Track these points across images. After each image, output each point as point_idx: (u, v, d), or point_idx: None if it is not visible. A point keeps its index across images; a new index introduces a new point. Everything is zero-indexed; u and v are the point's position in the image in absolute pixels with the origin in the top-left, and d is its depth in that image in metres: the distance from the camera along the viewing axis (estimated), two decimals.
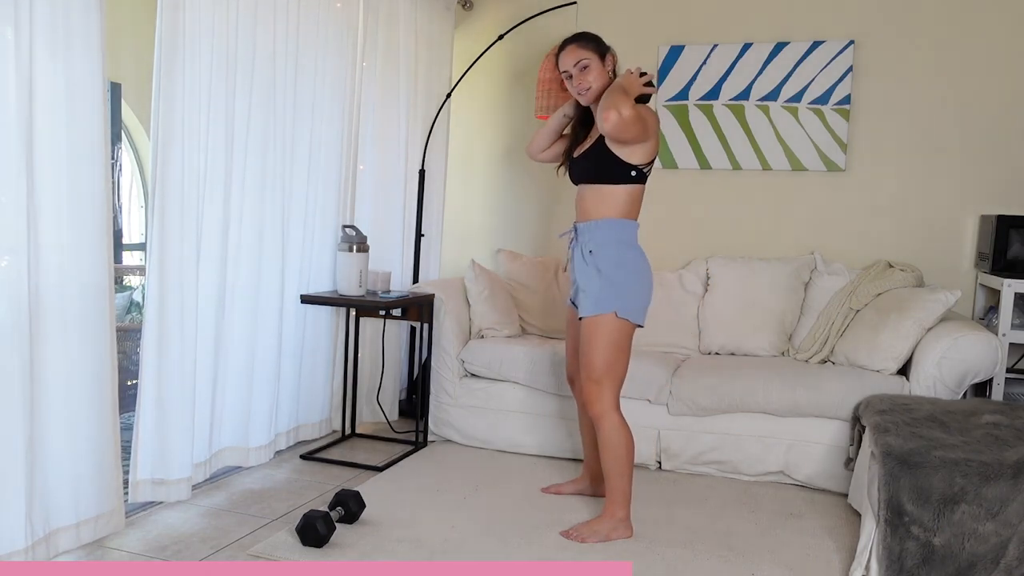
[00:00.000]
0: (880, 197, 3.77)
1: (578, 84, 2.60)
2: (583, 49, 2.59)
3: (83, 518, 2.29)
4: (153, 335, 2.54)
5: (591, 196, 2.60)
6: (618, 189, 2.56)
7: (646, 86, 2.55)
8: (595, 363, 2.53)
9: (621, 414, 2.56)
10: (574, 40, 2.62)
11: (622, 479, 2.54)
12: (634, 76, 2.56)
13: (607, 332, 2.52)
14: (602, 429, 2.54)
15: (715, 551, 2.47)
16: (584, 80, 2.58)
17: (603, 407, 2.53)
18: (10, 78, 1.99)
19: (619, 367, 2.56)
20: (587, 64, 2.58)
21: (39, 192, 2.09)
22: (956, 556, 2.12)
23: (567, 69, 2.61)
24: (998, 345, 2.95)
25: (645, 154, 2.55)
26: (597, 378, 2.53)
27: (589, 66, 2.58)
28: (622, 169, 2.54)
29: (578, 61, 2.58)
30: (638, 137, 2.49)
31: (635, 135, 2.48)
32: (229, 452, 2.99)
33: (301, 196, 3.19)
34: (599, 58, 2.60)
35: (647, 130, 2.51)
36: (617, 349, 2.54)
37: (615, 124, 2.40)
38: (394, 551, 2.37)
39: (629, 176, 2.55)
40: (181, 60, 2.52)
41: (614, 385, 2.55)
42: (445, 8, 4.14)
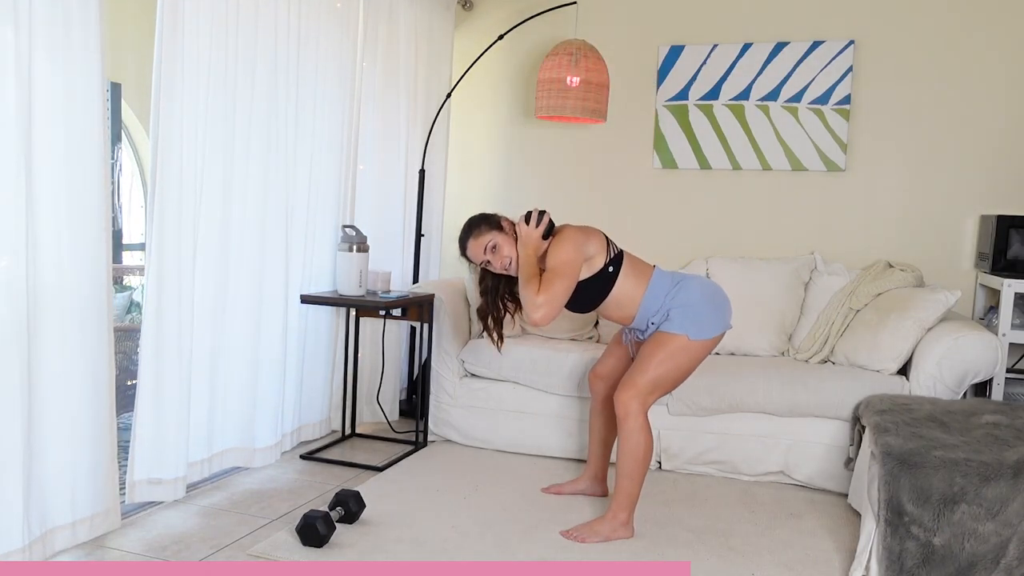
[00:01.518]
0: (880, 197, 3.77)
1: (500, 264, 2.61)
2: (484, 234, 2.60)
3: (79, 517, 2.29)
4: (152, 335, 2.54)
5: (611, 309, 2.64)
6: (617, 288, 2.59)
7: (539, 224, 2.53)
8: (649, 371, 2.53)
9: (647, 419, 2.55)
10: (466, 236, 2.63)
11: (633, 482, 2.53)
12: (524, 231, 2.54)
13: (675, 349, 2.53)
14: (625, 428, 2.53)
15: (715, 551, 2.46)
16: (501, 258, 2.59)
17: (633, 408, 2.52)
18: (9, 78, 1.99)
19: (669, 384, 2.58)
20: (495, 244, 2.59)
21: (38, 192, 2.09)
22: (956, 556, 2.12)
23: (481, 259, 2.63)
24: (998, 345, 2.95)
25: (599, 256, 2.56)
26: (642, 383, 2.52)
27: (497, 244, 2.59)
28: (600, 281, 2.57)
29: (486, 244, 2.59)
30: (570, 286, 2.46)
31: (566, 290, 2.45)
32: (233, 452, 2.99)
33: (301, 196, 3.19)
34: (498, 231, 2.60)
35: (569, 267, 2.46)
36: (677, 368, 2.55)
37: (544, 319, 2.40)
38: (394, 551, 2.37)
39: (610, 276, 2.58)
40: (181, 60, 2.52)
41: (654, 395, 2.56)
42: (445, 8, 4.14)
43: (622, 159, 4.14)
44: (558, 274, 2.44)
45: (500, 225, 2.62)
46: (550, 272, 2.46)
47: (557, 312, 2.43)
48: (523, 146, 4.31)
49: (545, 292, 2.41)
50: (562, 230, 2.57)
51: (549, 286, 2.42)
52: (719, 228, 4.01)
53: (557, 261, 2.47)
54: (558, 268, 2.46)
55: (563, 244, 2.50)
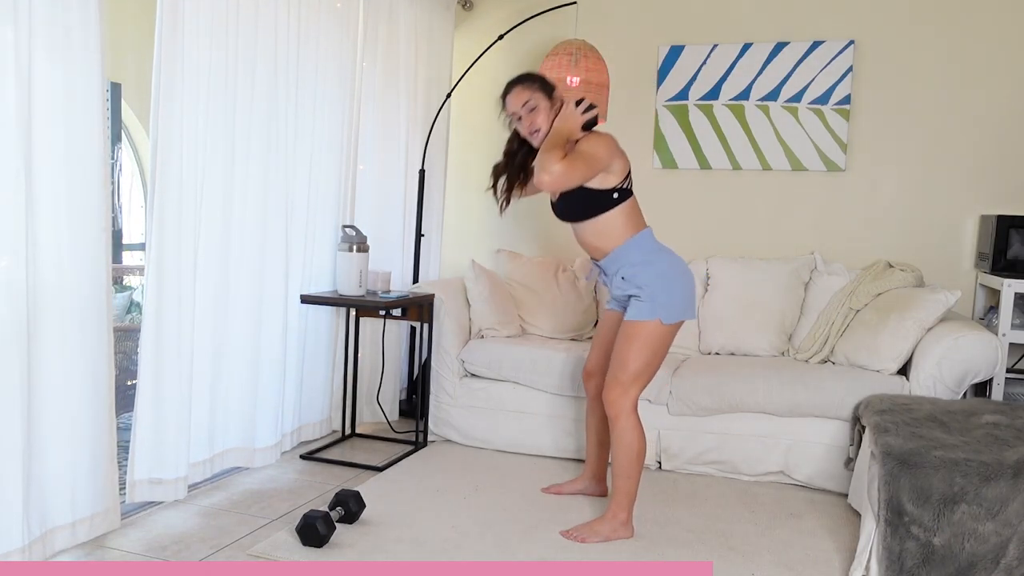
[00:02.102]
0: (880, 197, 3.77)
1: (528, 126, 2.57)
2: (528, 91, 2.56)
3: (79, 517, 2.29)
4: (152, 335, 2.54)
5: (590, 233, 2.59)
6: (610, 216, 2.54)
7: (587, 112, 2.51)
8: (628, 365, 2.52)
9: (638, 417, 2.56)
10: (519, 82, 2.60)
11: (629, 481, 2.54)
12: (569, 109, 2.53)
13: (647, 338, 2.52)
14: (617, 427, 2.53)
15: (715, 551, 2.46)
16: (534, 121, 2.56)
17: (623, 407, 2.53)
18: (9, 78, 1.99)
19: (649, 372, 2.57)
20: (534, 105, 2.56)
21: (38, 192, 2.09)
22: (956, 556, 2.12)
23: (515, 111, 2.59)
24: (998, 345, 2.95)
25: (616, 175, 2.52)
26: (625, 379, 2.52)
27: (537, 107, 2.56)
28: (601, 198, 2.52)
29: (525, 102, 2.56)
30: (586, 176, 2.45)
31: (582, 177, 2.44)
32: (234, 452, 2.99)
33: (301, 196, 3.19)
34: (546, 98, 2.57)
35: (594, 162, 2.45)
36: (653, 355, 2.54)
37: (550, 184, 2.39)
38: (394, 551, 2.37)
39: (611, 200, 2.53)
40: (181, 60, 2.52)
41: (639, 388, 2.55)
42: (445, 8, 4.14)
43: None
44: (582, 158, 2.43)
45: (551, 94, 2.58)
46: (577, 153, 2.44)
47: (565, 185, 2.41)
48: None
49: (566, 163, 2.38)
50: (601, 133, 2.54)
51: (572, 160, 2.40)
52: (719, 228, 4.01)
53: (587, 149, 2.45)
54: (585, 155, 2.44)
55: (598, 141, 2.49)
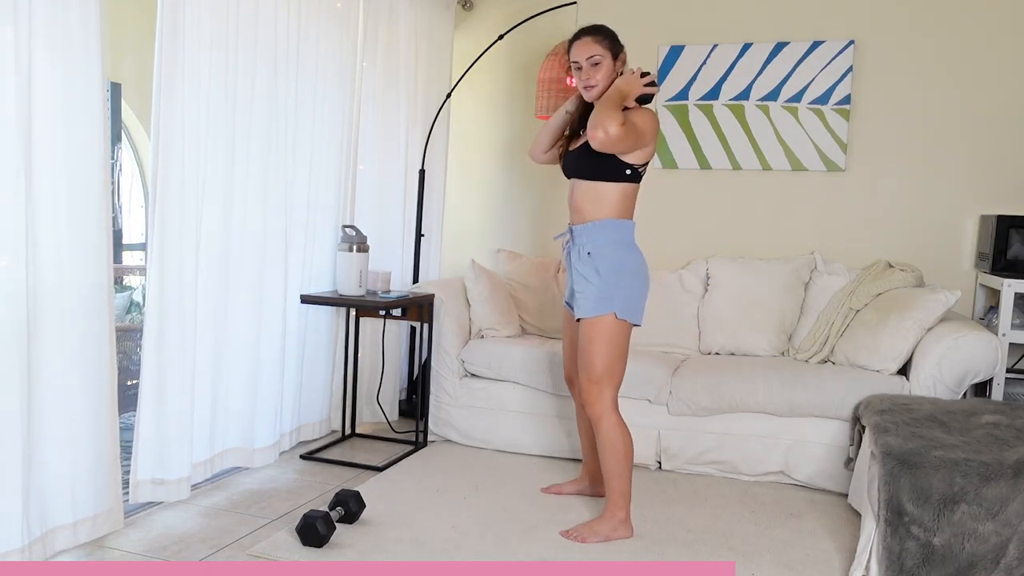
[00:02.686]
0: (880, 197, 3.77)
1: (586, 79, 2.57)
2: (598, 44, 2.55)
3: (81, 517, 2.29)
4: (153, 335, 2.54)
5: (585, 195, 2.58)
6: (612, 187, 2.54)
7: (648, 86, 2.53)
8: (595, 364, 2.53)
9: (619, 414, 2.56)
10: (590, 32, 2.58)
11: (621, 479, 2.54)
12: (635, 77, 2.54)
13: (606, 333, 2.52)
14: (601, 429, 2.54)
15: (715, 551, 2.46)
16: (593, 76, 2.55)
17: (602, 407, 2.54)
18: (9, 78, 1.99)
19: (618, 367, 2.56)
20: (599, 61, 2.55)
21: (38, 192, 2.09)
22: (956, 556, 2.12)
23: (578, 60, 2.57)
24: (998, 345, 2.95)
25: (642, 156, 2.54)
26: (597, 379, 2.53)
27: (600, 63, 2.55)
28: (617, 167, 2.53)
29: (591, 56, 2.55)
30: (629, 148, 2.48)
31: (625, 148, 2.47)
32: (233, 453, 2.99)
33: (301, 196, 3.19)
34: (612, 57, 2.57)
35: (641, 138, 2.49)
36: (616, 350, 2.54)
37: (602, 143, 2.40)
38: (394, 551, 2.37)
39: (624, 174, 2.54)
40: (181, 60, 2.52)
41: (613, 385, 2.55)
42: (445, 8, 4.14)
43: None
44: (636, 131, 2.46)
45: (619, 54, 2.59)
46: (632, 124, 2.46)
47: (613, 148, 2.43)
48: (523, 146, 4.31)
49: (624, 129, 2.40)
50: (651, 112, 2.56)
51: (628, 129, 2.43)
52: (719, 228, 4.00)
53: (640, 124, 2.48)
54: (638, 128, 2.47)
55: (649, 119, 2.51)
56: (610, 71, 2.56)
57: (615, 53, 2.58)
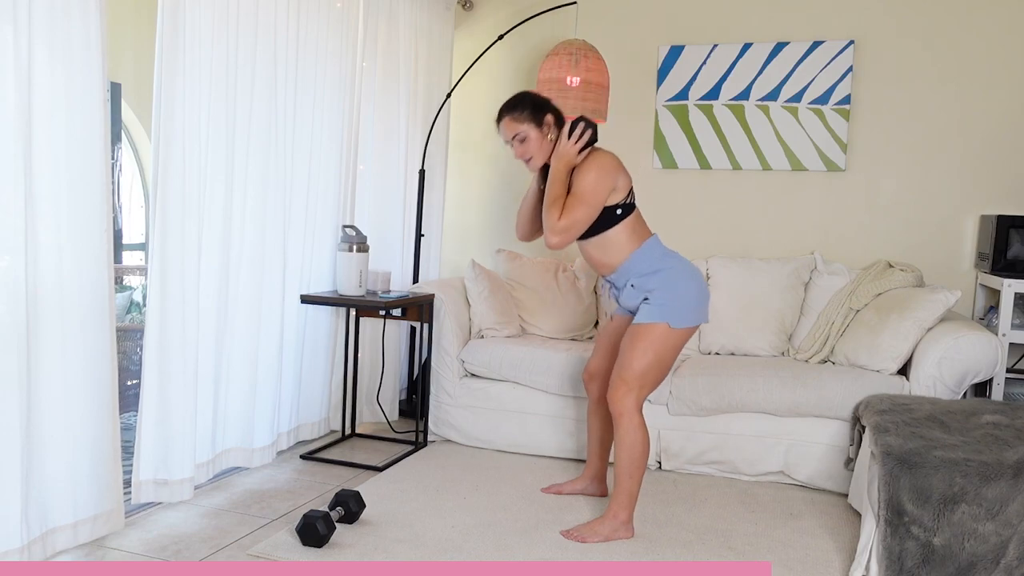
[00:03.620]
0: (880, 197, 3.77)
1: (521, 155, 2.61)
2: (516, 122, 2.58)
3: (81, 517, 2.29)
4: (155, 336, 2.54)
5: (596, 249, 2.60)
6: (615, 231, 2.56)
7: (580, 137, 2.51)
8: (632, 366, 2.51)
9: (642, 417, 2.54)
10: (507, 111, 2.60)
11: (631, 481, 2.53)
12: (563, 144, 2.52)
13: (655, 341, 2.51)
14: (621, 427, 2.52)
15: (715, 551, 2.46)
16: (525, 151, 2.60)
17: (627, 406, 2.52)
18: (9, 78, 1.99)
19: (656, 375, 2.55)
20: (524, 137, 2.58)
21: (38, 192, 2.09)
22: (956, 556, 2.12)
23: (506, 140, 2.62)
24: (998, 345, 2.95)
25: (619, 193, 2.53)
26: (628, 380, 2.51)
27: (526, 138, 2.58)
28: (606, 216, 2.54)
29: (514, 135, 2.59)
30: (593, 215, 2.48)
31: (588, 219, 2.47)
32: (233, 453, 2.99)
33: (301, 196, 3.19)
34: (536, 127, 2.57)
35: (599, 195, 2.47)
36: (658, 358, 2.53)
37: (560, 245, 2.46)
38: (394, 551, 2.37)
39: (616, 216, 2.55)
40: (182, 60, 2.52)
41: (644, 390, 2.54)
42: (445, 8, 4.14)
43: (622, 159, 4.13)
44: (582, 201, 2.46)
45: (542, 121, 2.58)
46: (575, 197, 2.46)
47: (573, 239, 2.47)
48: None
49: (566, 218, 2.44)
50: (599, 153, 2.53)
51: (571, 212, 2.45)
52: (719, 228, 4.01)
53: (585, 187, 2.47)
54: (584, 194, 2.46)
55: (595, 170, 2.48)
56: (539, 140, 2.58)
57: (538, 121, 2.58)
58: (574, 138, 2.51)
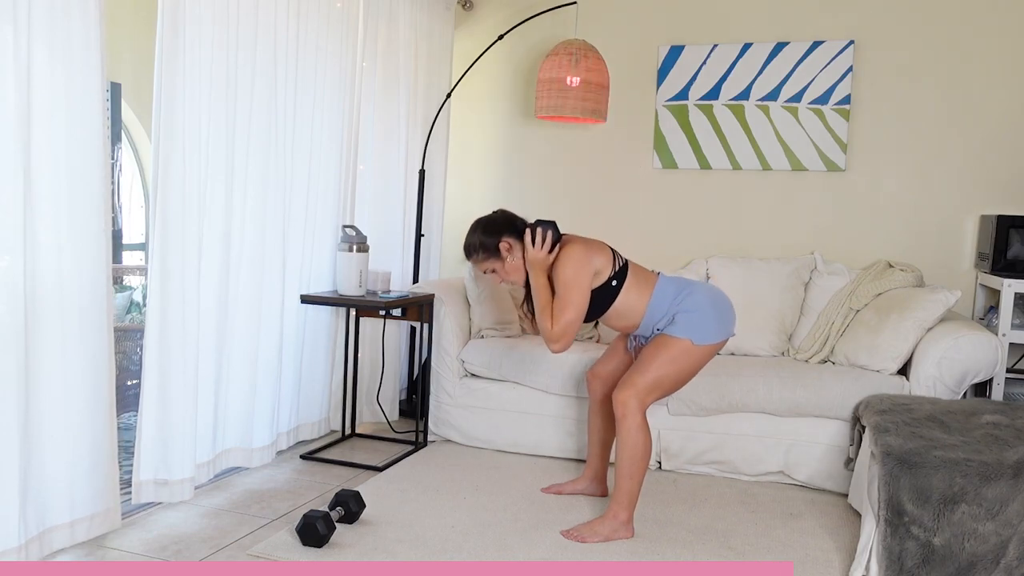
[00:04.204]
0: (880, 197, 3.77)
1: (498, 282, 2.72)
2: (479, 262, 2.67)
3: (78, 516, 2.29)
4: (155, 336, 2.54)
5: (615, 320, 2.66)
6: (620, 300, 2.60)
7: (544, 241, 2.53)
8: (649, 373, 2.53)
9: (646, 418, 2.55)
10: (468, 253, 2.68)
11: (632, 481, 2.53)
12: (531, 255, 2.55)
13: (678, 354, 2.54)
14: (623, 427, 2.53)
15: (715, 551, 2.46)
16: (502, 278, 2.68)
17: (631, 408, 2.52)
18: (9, 77, 1.98)
19: (669, 386, 2.58)
20: (492, 268, 2.67)
21: (37, 192, 2.09)
22: (956, 556, 2.12)
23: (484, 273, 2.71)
24: (998, 345, 2.95)
25: (606, 270, 2.57)
26: (640, 384, 2.52)
27: (496, 269, 2.66)
28: (604, 293, 2.58)
29: (484, 271, 2.69)
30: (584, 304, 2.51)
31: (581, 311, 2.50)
32: (233, 453, 2.99)
33: (301, 196, 3.19)
34: (496, 258, 2.64)
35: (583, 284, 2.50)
36: (677, 371, 2.55)
37: (563, 348, 2.51)
38: (394, 551, 2.37)
39: (612, 289, 2.59)
40: (182, 60, 2.52)
41: (653, 396, 2.56)
42: (445, 8, 4.14)
43: (622, 159, 4.14)
44: (568, 298, 2.50)
45: (499, 251, 2.63)
46: (560, 298, 2.51)
47: (573, 338, 2.52)
48: (523, 146, 4.31)
49: (559, 322, 2.49)
50: (568, 245, 2.55)
51: (561, 315, 2.49)
52: (719, 228, 4.01)
53: (567, 284, 2.50)
54: (567, 291, 2.50)
55: (569, 263, 2.51)
56: (508, 264, 2.64)
57: (496, 253, 2.64)
58: (537, 245, 2.54)
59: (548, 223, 2.55)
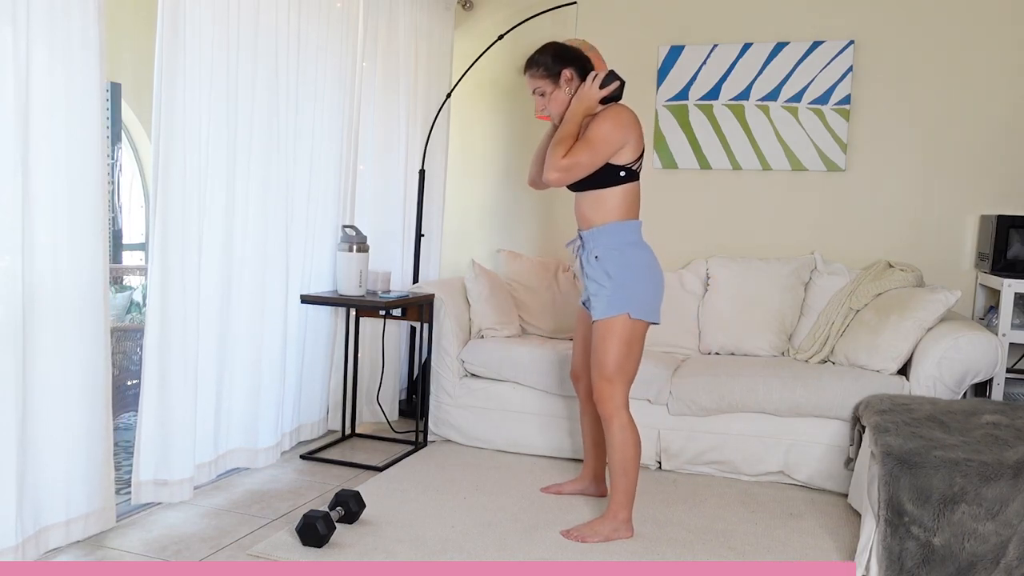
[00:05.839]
0: (880, 197, 3.77)
1: (540, 109, 2.67)
2: (535, 79, 2.62)
3: (74, 516, 2.29)
4: (155, 336, 2.54)
5: (588, 202, 2.60)
6: (612, 191, 2.56)
7: (605, 87, 2.53)
8: (607, 363, 2.53)
9: (630, 415, 2.56)
10: (528, 67, 2.64)
11: (627, 479, 2.54)
12: (587, 88, 2.55)
13: (620, 333, 2.52)
14: (611, 428, 2.54)
15: (715, 551, 2.46)
16: (542, 105, 2.64)
17: (613, 406, 2.53)
18: (8, 77, 1.98)
19: (630, 367, 2.57)
20: (542, 91, 2.62)
21: (36, 192, 2.09)
22: (956, 556, 2.12)
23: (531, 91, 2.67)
24: (998, 345, 2.95)
25: (630, 153, 2.54)
26: (608, 377, 2.53)
27: (545, 93, 2.62)
28: (610, 172, 2.54)
29: (534, 89, 2.64)
30: (595, 164, 2.49)
31: (589, 166, 2.48)
32: (237, 453, 2.99)
33: (301, 195, 3.19)
34: (552, 82, 2.60)
35: (606, 146, 2.48)
36: (629, 350, 2.54)
37: (557, 182, 2.49)
38: (394, 551, 2.37)
39: (619, 177, 2.55)
40: (182, 60, 2.52)
41: (625, 385, 2.56)
42: (445, 8, 4.14)
43: None
44: (591, 147, 2.47)
45: (559, 77, 2.59)
46: (585, 141, 2.48)
47: (570, 180, 2.50)
48: (523, 146, 4.31)
49: (570, 158, 2.46)
50: (620, 108, 2.54)
51: (576, 154, 2.47)
52: (719, 228, 4.00)
53: (597, 135, 2.49)
54: (594, 141, 2.48)
55: (611, 121, 2.50)
56: (557, 96, 2.61)
57: (555, 78, 2.60)
58: (598, 83, 2.54)
59: (620, 79, 2.56)
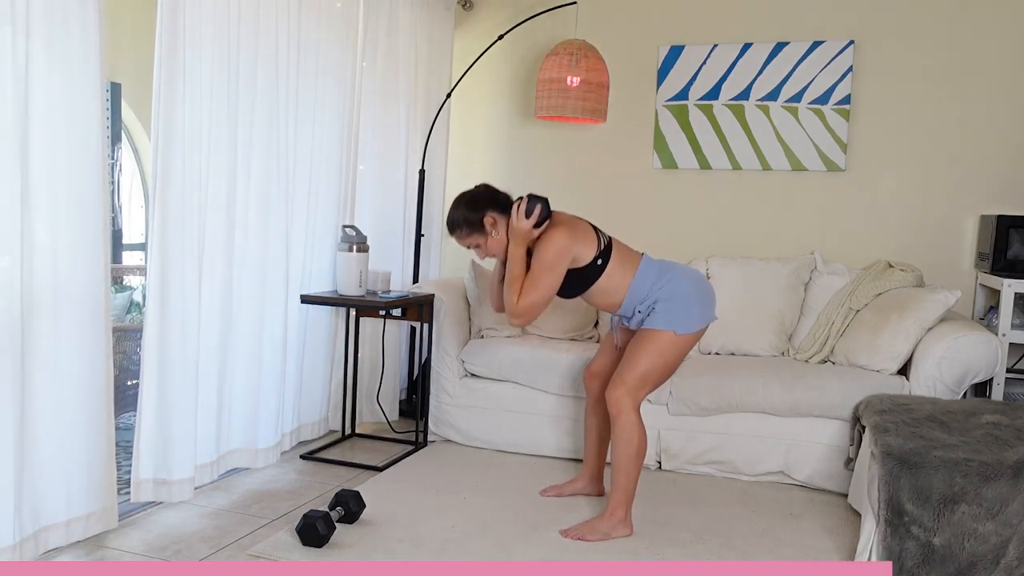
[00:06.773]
0: (880, 197, 3.77)
1: (482, 257, 2.69)
2: (462, 239, 2.64)
3: (74, 516, 2.29)
4: (154, 336, 2.54)
5: (595, 298, 2.65)
6: (604, 277, 2.59)
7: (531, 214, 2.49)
8: (636, 368, 2.54)
9: (640, 415, 2.57)
10: (451, 232, 2.65)
11: (628, 478, 2.54)
12: (515, 224, 2.51)
13: (661, 345, 2.54)
14: (618, 424, 2.54)
15: (715, 551, 2.46)
16: (484, 253, 2.65)
17: (625, 405, 2.54)
18: (8, 77, 1.98)
19: (657, 378, 2.59)
20: (476, 243, 2.63)
21: (36, 192, 2.09)
22: (956, 556, 2.12)
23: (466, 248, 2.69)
24: (998, 345, 2.95)
25: (589, 251, 2.55)
26: (630, 380, 2.54)
27: (479, 245, 2.63)
28: (588, 272, 2.57)
29: (468, 246, 2.65)
30: (556, 284, 2.50)
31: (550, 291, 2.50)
32: (237, 453, 2.99)
33: (301, 196, 3.19)
34: (480, 233, 2.60)
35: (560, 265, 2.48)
36: (664, 362, 2.56)
37: (524, 323, 2.53)
38: (394, 551, 2.37)
39: (597, 268, 2.58)
40: (182, 60, 2.52)
41: (644, 391, 2.58)
42: (445, 8, 4.14)
43: (622, 159, 4.14)
44: (540, 280, 2.49)
45: (483, 227, 2.59)
46: (533, 274, 2.50)
47: (535, 317, 2.52)
48: (523, 146, 4.31)
49: (525, 298, 2.49)
50: (556, 228, 2.53)
51: (529, 291, 2.49)
52: (719, 228, 4.00)
53: (543, 262, 2.49)
54: (541, 273, 2.49)
55: (552, 247, 2.49)
56: (491, 240, 2.61)
57: (479, 228, 2.59)
58: (523, 216, 2.50)
59: (540, 198, 2.52)
